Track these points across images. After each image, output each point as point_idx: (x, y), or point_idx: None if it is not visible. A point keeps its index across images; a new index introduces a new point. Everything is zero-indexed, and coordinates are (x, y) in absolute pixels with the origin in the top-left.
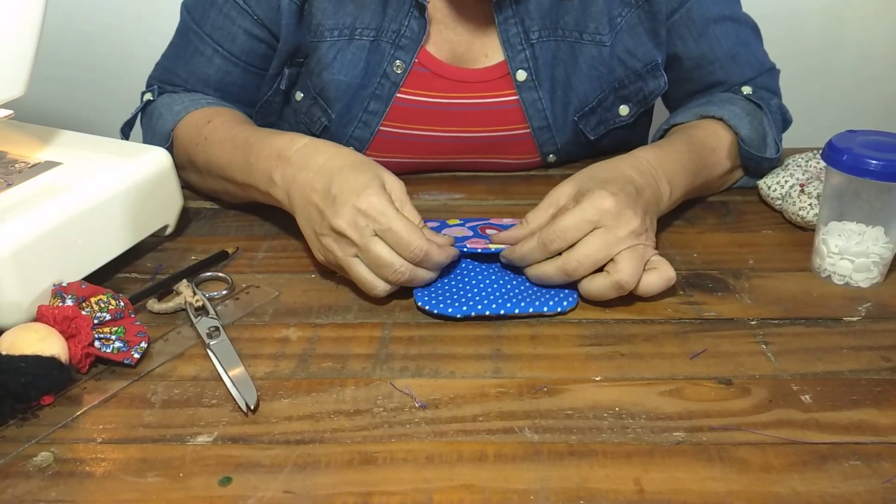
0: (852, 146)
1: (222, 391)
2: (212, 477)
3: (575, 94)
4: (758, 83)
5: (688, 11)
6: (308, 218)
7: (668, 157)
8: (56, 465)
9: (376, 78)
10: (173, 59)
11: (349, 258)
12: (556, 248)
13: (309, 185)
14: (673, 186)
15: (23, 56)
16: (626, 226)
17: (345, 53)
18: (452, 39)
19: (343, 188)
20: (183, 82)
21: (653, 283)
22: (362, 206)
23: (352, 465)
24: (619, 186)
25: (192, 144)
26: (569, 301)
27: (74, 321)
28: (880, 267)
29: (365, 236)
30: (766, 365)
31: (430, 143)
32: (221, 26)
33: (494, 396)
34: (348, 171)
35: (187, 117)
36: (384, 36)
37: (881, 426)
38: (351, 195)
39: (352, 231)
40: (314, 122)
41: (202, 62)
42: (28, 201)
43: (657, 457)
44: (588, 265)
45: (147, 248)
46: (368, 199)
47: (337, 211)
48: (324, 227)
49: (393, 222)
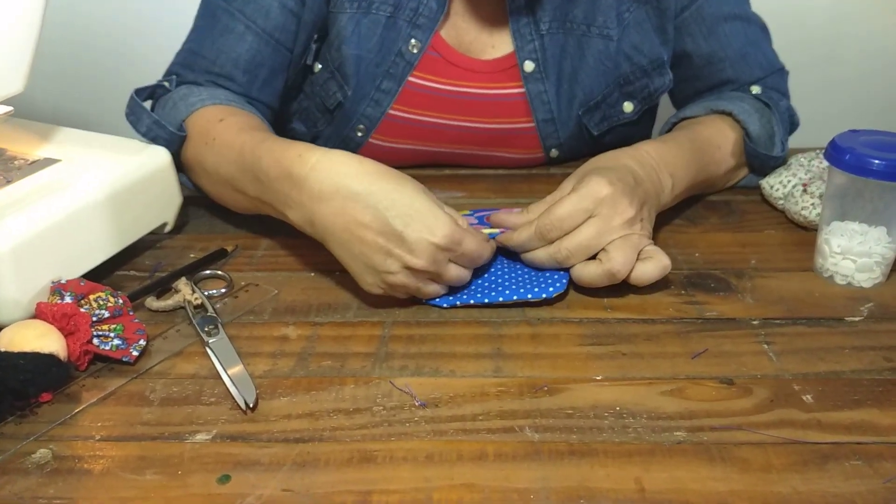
0: (855, 146)
1: (221, 389)
2: (210, 475)
3: (580, 88)
4: (767, 83)
5: (698, 9)
6: (362, 254)
7: (671, 152)
8: (54, 462)
9: (391, 56)
10: (199, 42)
11: (426, 287)
12: (552, 237)
13: (352, 218)
14: (675, 180)
15: (22, 52)
16: (621, 215)
17: (361, 27)
18: (461, 27)
19: (408, 223)
20: (210, 64)
21: (648, 271)
22: (440, 242)
23: (351, 464)
24: (617, 175)
25: (201, 143)
26: (555, 287)
27: (73, 318)
28: (882, 267)
29: (442, 266)
30: (767, 365)
31: (436, 131)
32: (253, 0)
33: (495, 395)
34: (398, 197)
35: (203, 110)
36: (402, 13)
37: (883, 426)
38: (423, 232)
39: (431, 265)
40: (329, 97)
41: (233, 40)
42: (27, 198)
43: (658, 456)
44: (579, 254)
45: (146, 245)
46: (442, 231)
47: (413, 250)
48: (394, 266)
49: (465, 247)
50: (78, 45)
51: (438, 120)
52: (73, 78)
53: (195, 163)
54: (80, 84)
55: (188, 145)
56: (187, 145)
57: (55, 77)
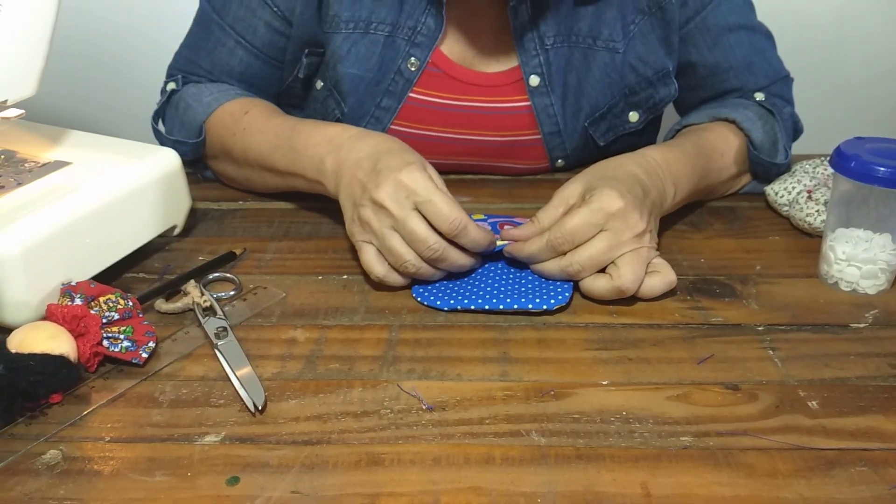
0: (860, 153)
1: (230, 391)
2: (219, 476)
3: (586, 101)
4: (771, 91)
5: (703, 20)
6: (350, 193)
7: (675, 159)
8: (64, 463)
9: (390, 74)
10: (194, 50)
11: (385, 229)
12: (563, 250)
13: (357, 164)
14: (678, 188)
15: (35, 56)
16: (632, 229)
17: (359, 47)
18: (465, 42)
19: (388, 164)
20: (206, 73)
21: (655, 286)
22: (404, 179)
23: (359, 467)
24: (627, 187)
25: (228, 135)
26: (556, 300)
27: (83, 320)
28: (887, 274)
29: (404, 208)
30: (773, 371)
31: (440, 145)
32: (243, 18)
33: (501, 399)
34: (396, 151)
35: (220, 109)
36: (400, 32)
37: (888, 433)
38: (394, 170)
39: (391, 203)
40: (329, 114)
41: (225, 54)
42: (38, 201)
43: (664, 461)
44: (590, 268)
45: (155, 248)
46: (411, 173)
47: (379, 183)
48: (364, 199)
49: (433, 195)
50: (89, 48)
51: (442, 134)
52: (83, 81)
53: (221, 153)
54: (90, 87)
55: (211, 141)
56: (210, 141)
57: (66, 80)
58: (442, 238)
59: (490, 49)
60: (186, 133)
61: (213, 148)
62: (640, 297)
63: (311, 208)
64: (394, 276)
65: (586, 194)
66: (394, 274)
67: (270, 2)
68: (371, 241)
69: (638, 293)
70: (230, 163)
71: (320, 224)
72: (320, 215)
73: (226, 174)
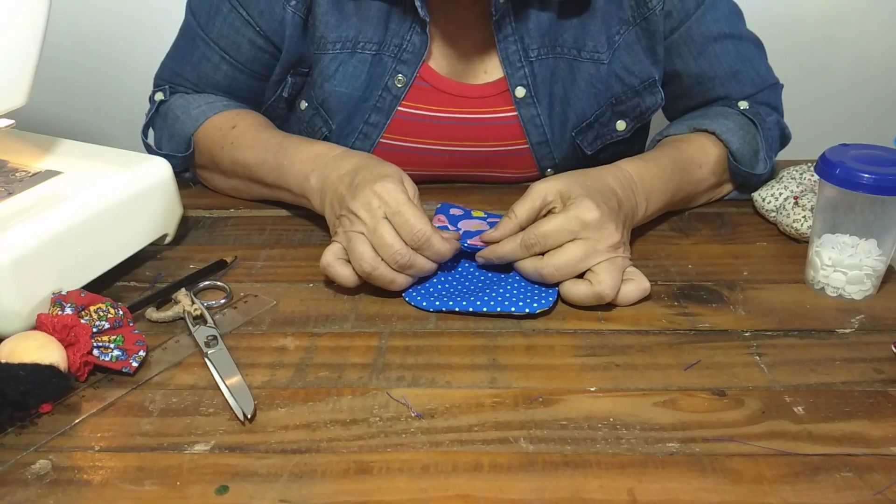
0: (845, 160)
1: (220, 400)
2: (208, 485)
3: (573, 111)
4: (758, 99)
5: (687, 30)
6: (332, 208)
7: (649, 173)
8: (54, 472)
9: (378, 91)
10: (180, 62)
11: (354, 233)
12: (536, 251)
13: (339, 180)
14: (649, 203)
15: (25, 66)
16: (607, 239)
17: (346, 66)
18: (452, 55)
19: (364, 177)
20: (192, 85)
21: (630, 293)
22: (378, 189)
23: (348, 475)
24: (603, 199)
25: (216, 148)
26: (539, 304)
27: (73, 329)
28: (873, 279)
29: (375, 217)
30: (759, 376)
31: (429, 156)
32: (227, 35)
33: (490, 406)
34: (374, 165)
35: (208, 122)
36: (386, 50)
37: (873, 438)
38: (370, 182)
39: (364, 212)
40: (315, 132)
41: (209, 68)
42: (28, 210)
43: (651, 467)
44: (565, 273)
45: (146, 256)
46: (384, 185)
47: (356, 194)
48: (342, 209)
49: (403, 206)
50: (79, 57)
51: (431, 146)
52: (74, 90)
53: (210, 164)
54: (81, 96)
55: (200, 153)
56: (200, 153)
57: (57, 89)
58: (406, 246)
59: (476, 62)
60: (175, 145)
61: (201, 159)
62: (617, 304)
63: (302, 216)
64: (348, 272)
65: (563, 198)
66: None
67: (254, 22)
68: (340, 242)
69: (616, 300)
70: (218, 173)
71: (311, 232)
72: (311, 223)
73: (214, 184)
